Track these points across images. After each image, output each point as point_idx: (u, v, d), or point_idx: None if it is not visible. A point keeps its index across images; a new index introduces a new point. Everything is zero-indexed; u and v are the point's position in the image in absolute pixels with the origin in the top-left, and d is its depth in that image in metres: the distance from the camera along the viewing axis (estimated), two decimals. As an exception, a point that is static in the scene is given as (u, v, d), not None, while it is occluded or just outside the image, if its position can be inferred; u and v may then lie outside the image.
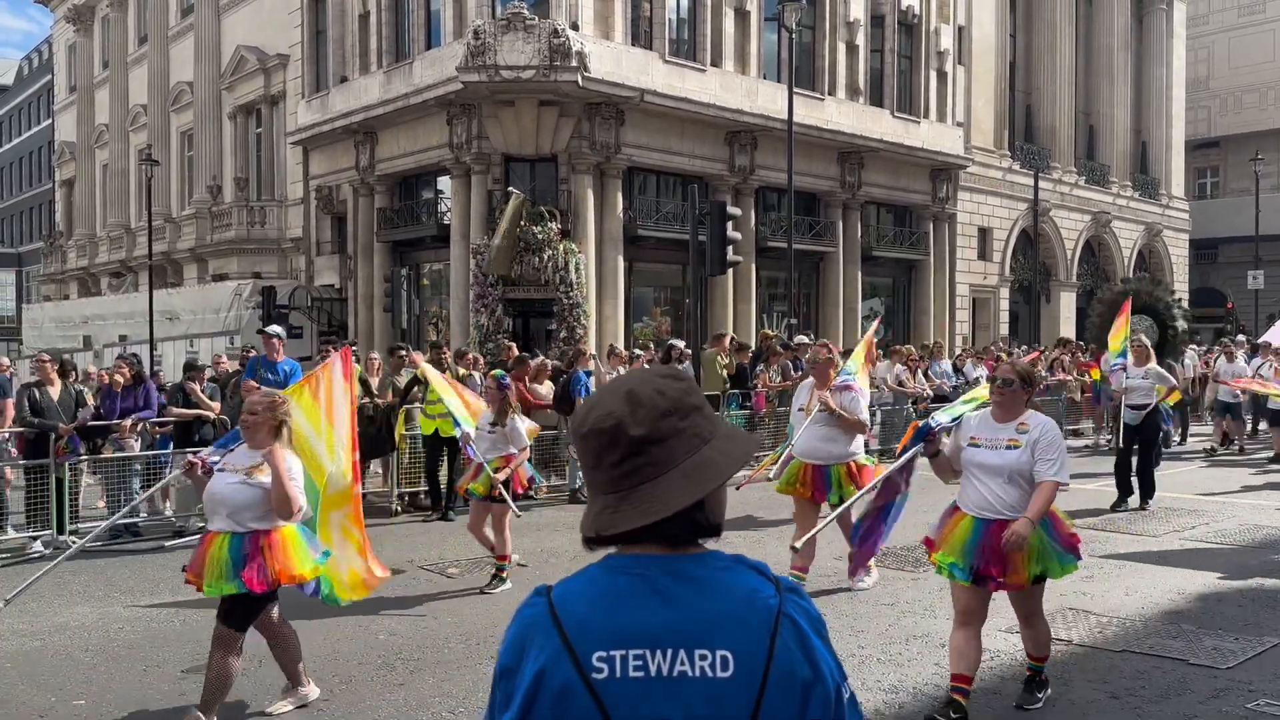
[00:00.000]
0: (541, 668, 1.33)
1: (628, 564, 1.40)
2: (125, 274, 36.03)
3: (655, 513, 1.36)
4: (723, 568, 1.41)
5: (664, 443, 1.38)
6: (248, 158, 30.26)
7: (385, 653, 5.76)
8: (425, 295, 23.82)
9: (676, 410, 1.40)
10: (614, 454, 1.38)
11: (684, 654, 1.33)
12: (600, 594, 1.38)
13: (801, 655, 1.36)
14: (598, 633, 1.34)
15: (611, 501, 1.38)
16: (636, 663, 1.32)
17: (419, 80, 21.16)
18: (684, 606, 1.35)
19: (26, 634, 6.26)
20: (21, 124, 54.59)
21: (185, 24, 32.20)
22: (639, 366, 13.16)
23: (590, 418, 1.41)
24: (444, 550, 8.75)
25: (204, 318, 26.39)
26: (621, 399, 1.40)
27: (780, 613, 1.37)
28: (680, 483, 1.37)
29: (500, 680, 1.39)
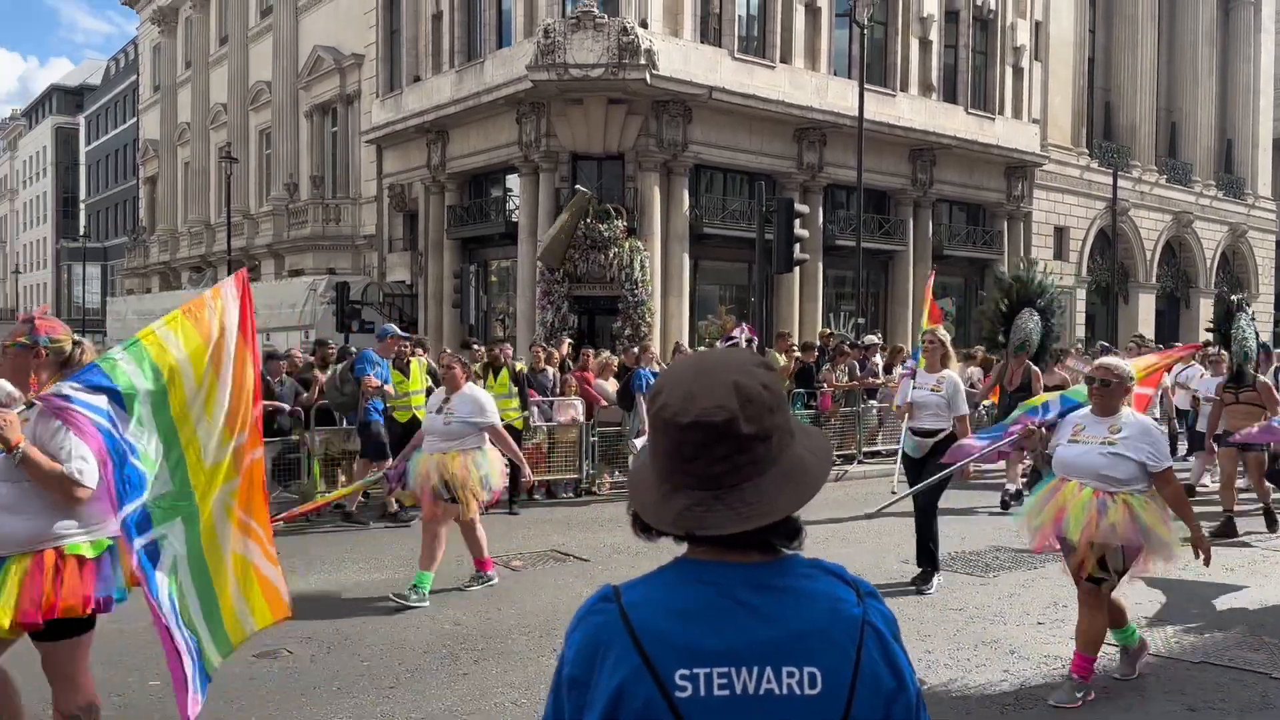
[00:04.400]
0: (620, 684, 1.27)
1: (708, 573, 1.33)
2: (205, 269, 37.06)
3: (757, 518, 1.30)
4: (805, 575, 1.35)
5: (768, 440, 1.32)
6: (323, 156, 30.91)
7: (450, 642, 5.83)
8: (493, 292, 24.08)
9: (778, 406, 1.35)
10: (719, 449, 1.30)
11: (770, 671, 1.28)
12: (679, 605, 1.31)
13: (885, 666, 1.32)
14: (679, 648, 1.28)
15: (704, 499, 1.31)
16: (721, 681, 1.27)
17: (490, 79, 21.39)
18: (769, 620, 1.30)
19: (104, 616, 6.47)
20: (108, 123, 56.54)
21: (264, 24, 33.01)
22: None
23: (694, 409, 1.31)
24: (509, 542, 8.83)
25: (280, 312, 27.02)
26: (730, 392, 1.31)
27: (864, 622, 1.33)
28: (781, 485, 1.32)
29: (569, 690, 1.33)
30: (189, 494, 3.58)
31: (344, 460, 10.94)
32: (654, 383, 1.45)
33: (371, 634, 6.00)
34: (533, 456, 11.47)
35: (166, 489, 3.52)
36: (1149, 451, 4.66)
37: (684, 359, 1.47)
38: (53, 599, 3.35)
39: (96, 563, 3.46)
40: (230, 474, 3.70)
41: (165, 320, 3.62)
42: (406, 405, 10.16)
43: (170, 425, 3.53)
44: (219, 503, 3.68)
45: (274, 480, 10.45)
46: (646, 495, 1.37)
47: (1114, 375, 4.84)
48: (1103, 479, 4.66)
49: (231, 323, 3.72)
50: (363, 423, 9.90)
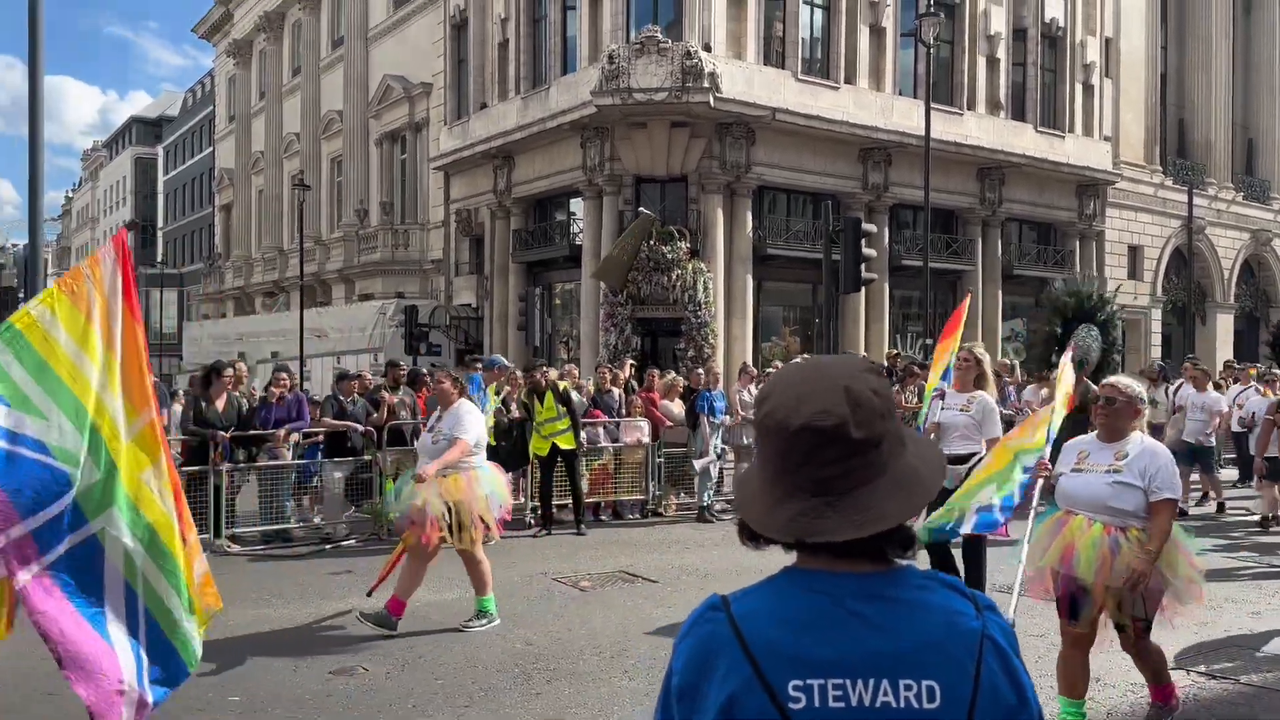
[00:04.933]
0: (731, 695, 1.25)
1: (819, 582, 1.31)
2: (278, 293, 38.00)
3: (869, 525, 1.27)
4: (920, 586, 1.32)
5: (879, 446, 1.30)
6: (392, 183, 31.55)
7: (523, 662, 5.84)
8: (557, 314, 24.27)
9: (889, 412, 1.32)
10: (829, 454, 1.28)
11: (887, 684, 1.24)
12: (790, 615, 1.29)
13: (1006, 681, 1.28)
14: (791, 659, 1.25)
15: (814, 505, 1.29)
16: (836, 693, 1.24)
17: (554, 105, 21.66)
18: (885, 632, 1.26)
19: (189, 630, 6.62)
20: (185, 153, 58.44)
21: (336, 55, 33.91)
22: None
23: (803, 413, 1.29)
24: (575, 563, 8.84)
25: (350, 335, 27.60)
26: (840, 397, 1.29)
27: (983, 636, 1.28)
28: (893, 492, 1.29)
29: (678, 699, 1.31)
30: (116, 474, 3.21)
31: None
32: (760, 389, 1.42)
33: (444, 653, 6.04)
34: (599, 477, 11.51)
35: (95, 476, 3.17)
36: (1151, 477, 4.17)
37: (791, 365, 1.46)
38: None
39: None
40: (153, 450, 3.34)
41: (41, 299, 3.24)
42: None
43: (76, 405, 3.16)
44: (151, 478, 3.31)
45: (346, 499, 10.64)
46: (754, 502, 1.36)
47: (1120, 394, 4.36)
48: (1111, 512, 4.19)
49: (115, 289, 3.31)
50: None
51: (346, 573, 8.51)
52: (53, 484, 3.05)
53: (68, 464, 3.09)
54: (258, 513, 10.10)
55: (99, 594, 3.15)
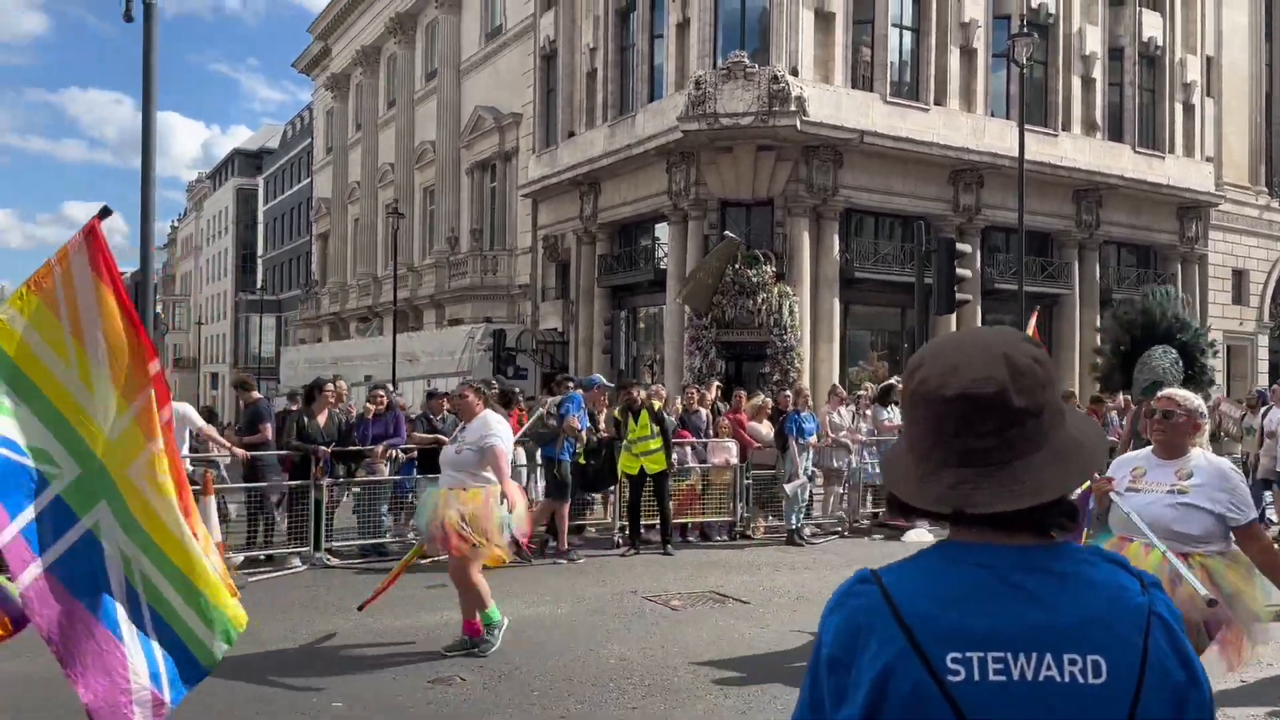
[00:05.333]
0: (886, 666, 1.22)
1: (975, 554, 1.27)
2: (371, 319, 39.02)
3: (1029, 496, 1.24)
4: (1083, 561, 1.28)
5: (1039, 416, 1.26)
6: (482, 210, 32.22)
7: (618, 677, 5.85)
8: (641, 338, 24.40)
9: (1051, 382, 1.29)
10: (987, 424, 1.25)
11: (1050, 658, 1.21)
12: (947, 588, 1.26)
13: (1175, 659, 1.24)
14: (948, 631, 1.22)
15: (969, 476, 1.25)
16: (997, 666, 1.20)
17: (641, 131, 21.89)
18: (1048, 606, 1.23)
19: (290, 639, 6.80)
20: (284, 183, 60.63)
21: (429, 87, 34.88)
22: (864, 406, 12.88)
23: (959, 380, 1.26)
24: (663, 583, 8.83)
25: (440, 359, 28.17)
26: (999, 363, 1.26)
27: (1151, 612, 1.25)
28: (1054, 464, 1.26)
29: (829, 671, 1.28)
30: (102, 471, 3.12)
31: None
32: (911, 359, 1.40)
33: (539, 666, 6.09)
34: (686, 498, 11.49)
35: (76, 473, 3.09)
36: (1228, 501, 3.78)
37: (943, 335, 1.43)
38: None
39: None
40: (140, 441, 3.17)
41: (10, 301, 3.13)
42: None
43: (49, 407, 3.08)
44: (140, 473, 3.17)
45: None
46: (904, 475, 1.33)
47: (1179, 407, 3.99)
48: (1174, 536, 3.75)
49: (84, 280, 3.15)
50: (553, 460, 10.12)
51: (441, 586, 8.61)
52: (29, 482, 3.00)
53: (43, 463, 3.03)
54: (356, 526, 10.35)
55: (106, 590, 3.07)
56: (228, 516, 9.50)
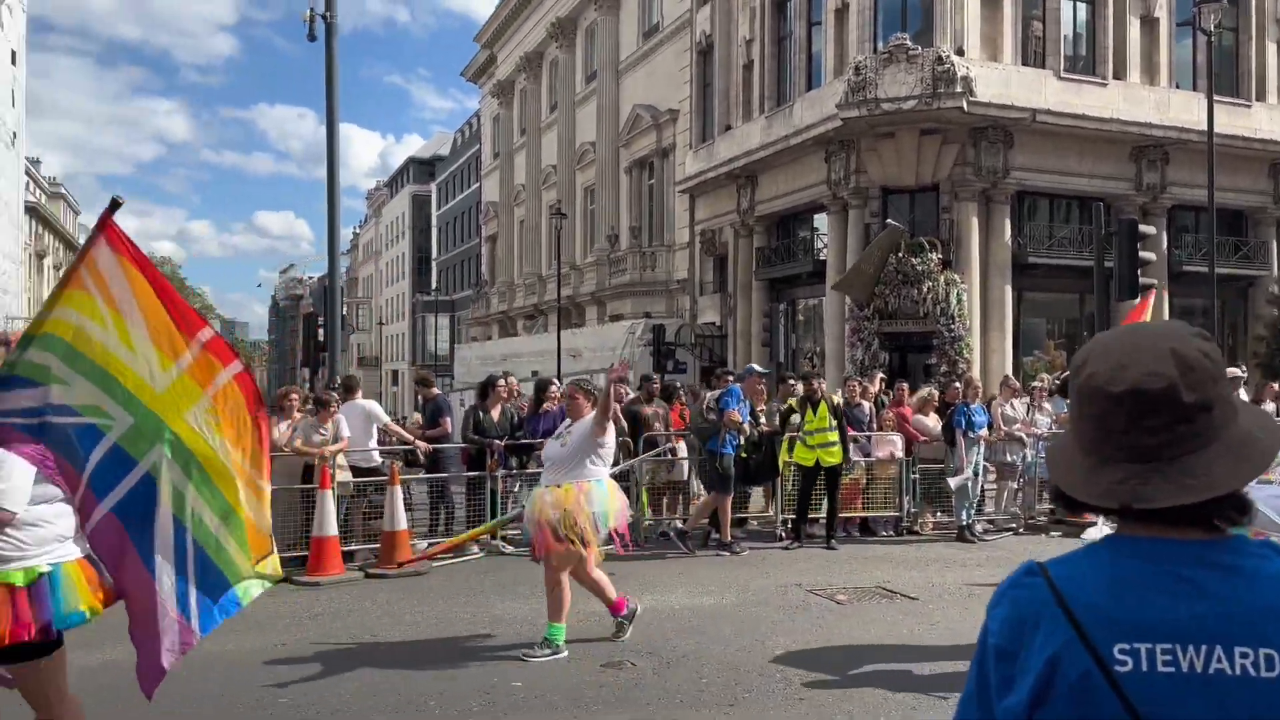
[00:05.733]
0: (1053, 656, 1.24)
1: (1145, 549, 1.27)
2: (537, 316, 40.23)
3: (1199, 491, 1.23)
4: (1256, 555, 1.26)
5: (1210, 411, 1.26)
6: (641, 208, 32.68)
7: (784, 667, 5.90)
8: (801, 331, 24.19)
9: (1221, 376, 1.29)
10: (1156, 419, 1.25)
11: (1221, 650, 1.20)
12: (1115, 580, 1.26)
13: None
14: (1115, 621, 1.23)
15: (1138, 471, 1.26)
16: (1165, 657, 1.21)
17: (799, 121, 21.69)
18: (1219, 598, 1.22)
19: (471, 622, 7.17)
20: (455, 189, 63.19)
21: (589, 89, 35.63)
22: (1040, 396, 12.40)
23: (1128, 376, 1.26)
24: (829, 577, 8.79)
25: (602, 354, 28.74)
26: (1166, 358, 1.26)
27: None
28: (1225, 458, 1.25)
29: (995, 660, 1.30)
30: (154, 417, 3.32)
31: (668, 490, 11.41)
32: (1076, 354, 1.40)
33: (706, 654, 6.21)
34: (849, 492, 11.35)
35: (129, 422, 3.31)
36: None
37: (1110, 330, 1.43)
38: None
39: (29, 590, 3.43)
40: (195, 390, 3.38)
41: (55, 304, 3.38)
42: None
43: (95, 367, 3.32)
44: (199, 419, 3.37)
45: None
46: (1070, 468, 1.34)
47: None
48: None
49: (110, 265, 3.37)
50: (715, 454, 10.24)
51: (609, 574, 8.88)
52: (87, 437, 3.25)
53: (97, 416, 3.26)
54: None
55: (152, 531, 3.31)
56: (411, 505, 10.06)
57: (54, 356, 3.28)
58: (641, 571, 9.13)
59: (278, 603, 7.91)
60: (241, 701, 5.36)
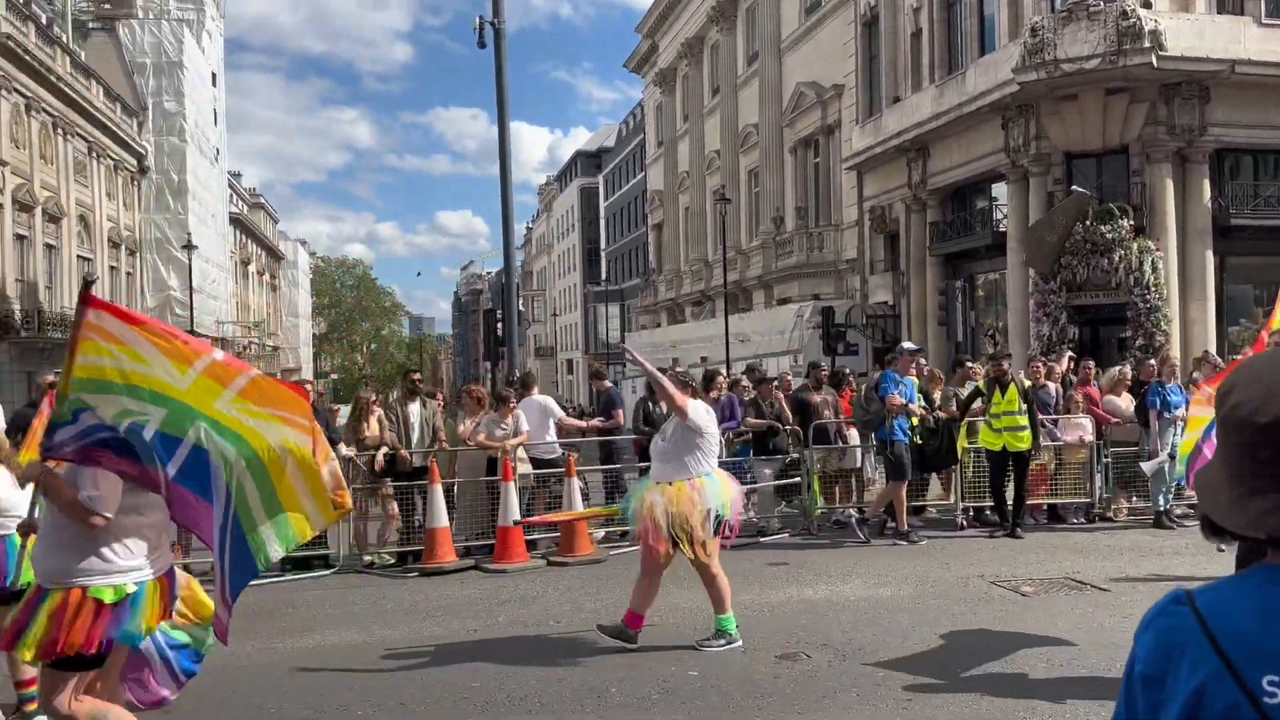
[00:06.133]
0: (1199, 686, 1.23)
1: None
2: (704, 302, 40.39)
3: None
4: None
5: None
6: (806, 188, 32.23)
7: (966, 663, 5.76)
8: (980, 307, 23.27)
9: None
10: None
11: None
12: (1263, 608, 1.24)
13: None
14: (1266, 653, 1.21)
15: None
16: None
17: (972, 89, 20.84)
18: None
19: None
20: (622, 179, 64.15)
21: (751, 71, 35.36)
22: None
23: (1273, 408, 1.25)
24: (1014, 567, 8.49)
25: (770, 338, 28.59)
26: None
27: None
28: None
29: (1142, 688, 1.31)
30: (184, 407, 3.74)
31: (840, 478, 11.29)
32: (1223, 381, 1.36)
33: (882, 647, 6.14)
34: (1036, 477, 10.90)
35: (163, 412, 3.73)
36: None
37: (1260, 355, 1.38)
38: (66, 636, 3.62)
39: (114, 608, 3.69)
40: (216, 386, 3.80)
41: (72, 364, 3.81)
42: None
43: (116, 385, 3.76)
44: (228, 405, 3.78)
45: (777, 495, 11.12)
46: (1217, 496, 1.31)
47: None
48: None
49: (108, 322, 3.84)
50: (885, 442, 10.09)
51: (783, 564, 8.92)
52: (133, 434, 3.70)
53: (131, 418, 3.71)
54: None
55: (212, 492, 3.74)
56: (589, 495, 10.38)
57: (83, 394, 3.77)
58: (816, 560, 9.10)
59: (468, 589, 8.38)
60: (438, 685, 5.71)
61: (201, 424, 3.73)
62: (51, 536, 3.77)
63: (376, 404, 10.21)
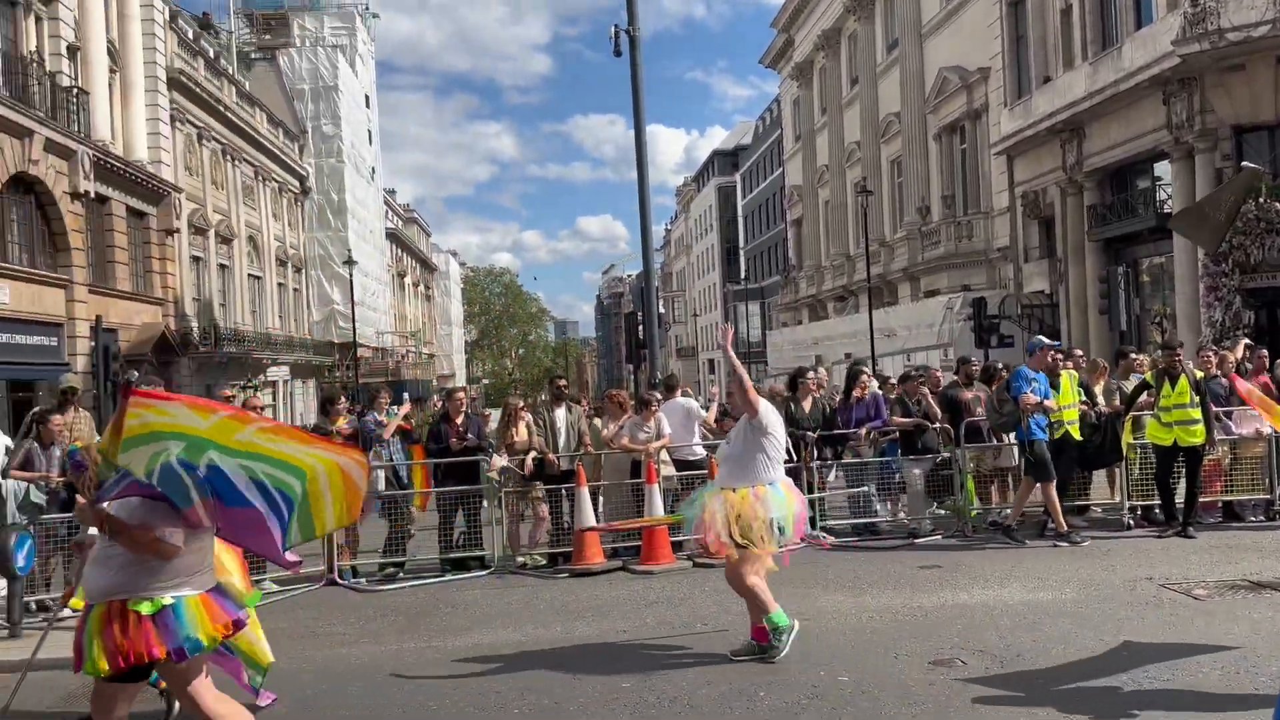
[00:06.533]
0: None
1: None
2: (847, 297, 39.70)
3: None
4: None
5: None
6: (953, 175, 31.25)
7: (1132, 670, 5.49)
8: (1145, 293, 22.05)
9: None
10: None
11: None
12: None
13: None
14: None
15: None
16: None
17: (1129, 64, 19.79)
18: None
19: (795, 614, 7.26)
20: (759, 176, 63.74)
21: (891, 59, 34.56)
22: None
23: None
24: (1185, 568, 8.03)
25: (918, 332, 27.88)
26: None
27: None
28: None
29: None
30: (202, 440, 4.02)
31: (995, 478, 10.91)
32: None
33: (1043, 653, 5.92)
34: (1209, 473, 10.25)
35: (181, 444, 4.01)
36: None
37: None
38: (125, 646, 3.83)
39: (154, 618, 3.89)
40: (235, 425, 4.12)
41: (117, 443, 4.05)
42: (1058, 421, 9.79)
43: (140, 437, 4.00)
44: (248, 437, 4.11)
45: (928, 496, 10.84)
46: None
47: None
48: None
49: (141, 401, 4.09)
50: (1024, 442, 9.74)
51: (935, 567, 8.71)
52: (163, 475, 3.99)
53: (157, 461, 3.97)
54: (846, 507, 10.77)
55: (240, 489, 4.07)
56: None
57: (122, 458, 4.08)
58: (971, 563, 8.84)
59: (616, 590, 8.54)
60: (590, 685, 5.84)
61: (213, 451, 4.05)
62: (102, 560, 4.04)
63: (524, 410, 10.50)
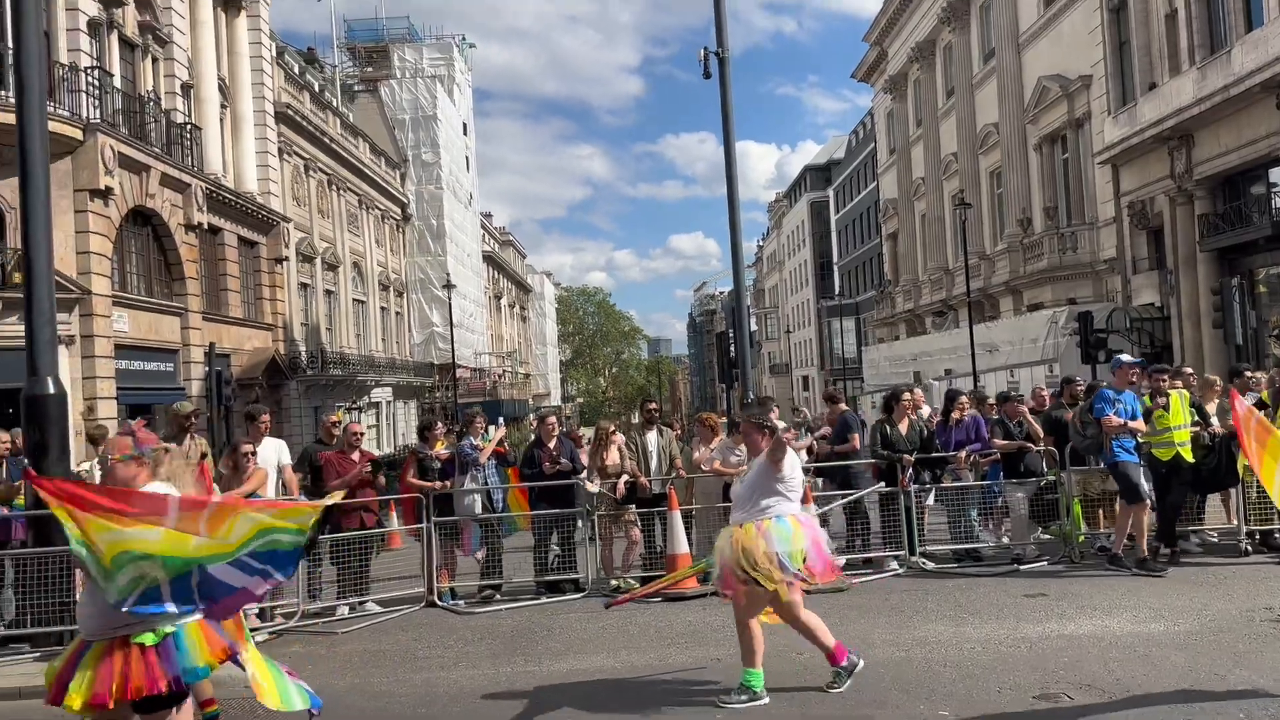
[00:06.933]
0: None
1: None
2: (946, 312, 38.85)
3: None
4: None
5: None
6: (1055, 186, 30.38)
7: (1247, 705, 5.23)
8: (1261, 304, 21.00)
9: None
10: None
11: None
12: None
13: None
14: None
15: None
16: None
17: (1240, 68, 18.98)
18: None
19: (893, 644, 7.16)
20: (852, 191, 63.02)
21: (988, 69, 33.84)
22: None
23: None
24: (1315, 601, 7.59)
25: (1021, 348, 27.10)
26: None
27: None
28: None
29: None
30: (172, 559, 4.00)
31: (1104, 501, 10.52)
32: None
33: (1152, 688, 5.67)
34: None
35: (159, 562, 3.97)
36: None
37: None
38: (123, 682, 3.83)
39: (157, 649, 3.91)
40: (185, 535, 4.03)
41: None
42: (1169, 442, 9.39)
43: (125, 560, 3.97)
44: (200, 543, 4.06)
45: (1033, 520, 10.51)
46: None
47: None
48: None
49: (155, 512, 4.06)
50: (1110, 463, 9.39)
51: (1040, 595, 8.43)
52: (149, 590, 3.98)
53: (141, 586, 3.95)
54: (948, 532, 10.51)
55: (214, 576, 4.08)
56: (828, 522, 10.25)
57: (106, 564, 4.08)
58: (1078, 591, 8.54)
59: (710, 616, 8.49)
60: (685, 713, 5.83)
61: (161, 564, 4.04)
62: (97, 599, 4.03)
63: (616, 433, 10.57)
